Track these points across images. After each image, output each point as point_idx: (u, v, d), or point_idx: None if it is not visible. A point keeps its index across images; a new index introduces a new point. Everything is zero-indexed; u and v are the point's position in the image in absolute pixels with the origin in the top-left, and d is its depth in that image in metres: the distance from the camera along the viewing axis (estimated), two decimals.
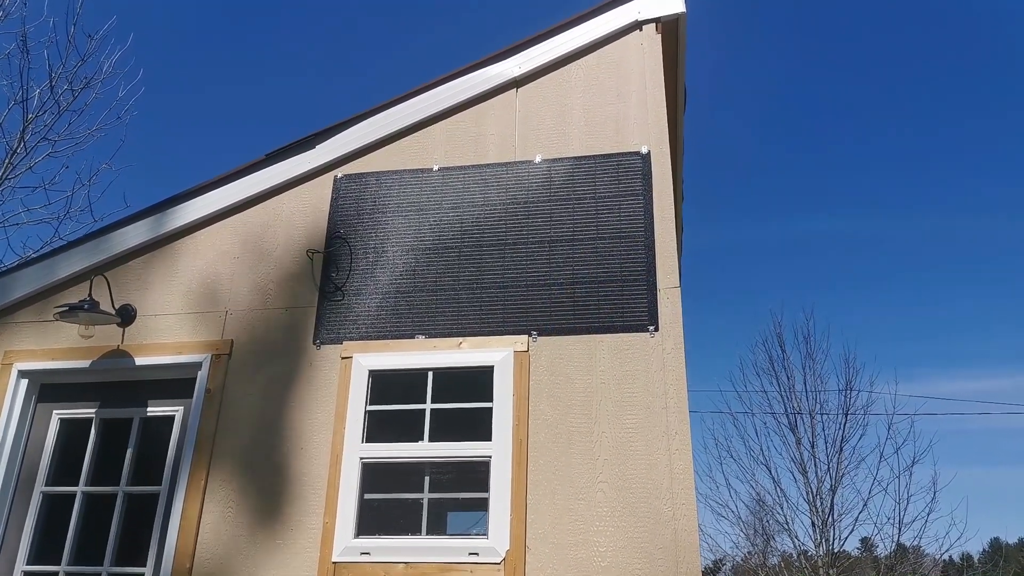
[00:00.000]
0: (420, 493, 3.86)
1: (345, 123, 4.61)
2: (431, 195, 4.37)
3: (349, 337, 4.11)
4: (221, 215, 4.60)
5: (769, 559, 16.07)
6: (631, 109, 4.33)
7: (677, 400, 3.65)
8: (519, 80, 4.55)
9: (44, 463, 4.39)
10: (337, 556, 3.65)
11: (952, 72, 59.18)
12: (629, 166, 4.19)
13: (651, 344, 3.78)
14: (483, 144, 4.46)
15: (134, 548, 4.12)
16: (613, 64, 4.48)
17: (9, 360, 4.46)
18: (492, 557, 3.52)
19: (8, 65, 11.35)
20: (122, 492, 4.23)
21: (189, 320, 4.36)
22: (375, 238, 4.33)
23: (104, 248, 4.61)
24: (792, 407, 15.49)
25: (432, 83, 4.59)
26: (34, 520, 4.27)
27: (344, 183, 4.52)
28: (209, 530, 3.86)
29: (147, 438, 4.36)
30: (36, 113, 9.64)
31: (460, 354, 3.96)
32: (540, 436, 3.72)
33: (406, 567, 3.59)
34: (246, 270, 4.43)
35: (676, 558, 3.40)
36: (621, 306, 3.88)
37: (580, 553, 3.48)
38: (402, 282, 4.19)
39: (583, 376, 3.80)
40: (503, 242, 4.16)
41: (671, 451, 3.57)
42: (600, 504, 3.54)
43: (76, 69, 9.84)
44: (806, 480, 14.89)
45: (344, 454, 3.84)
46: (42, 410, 4.49)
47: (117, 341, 4.37)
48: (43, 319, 4.53)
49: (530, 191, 4.26)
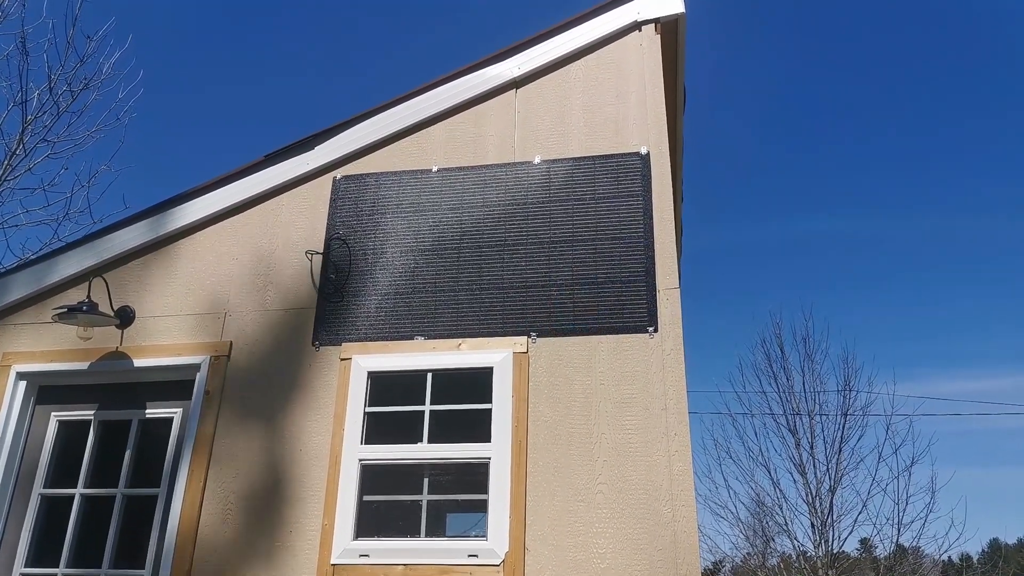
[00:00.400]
0: (419, 495, 3.85)
1: (344, 124, 4.61)
2: (430, 196, 4.37)
3: (348, 338, 4.11)
4: (220, 216, 4.59)
5: (768, 560, 16.07)
6: (630, 110, 4.33)
7: (676, 401, 3.65)
8: (518, 81, 4.54)
9: (43, 465, 4.38)
10: (336, 558, 3.65)
11: (952, 72, 59.31)
12: (628, 167, 4.19)
13: (650, 345, 3.78)
14: (482, 145, 4.45)
15: (133, 550, 4.11)
16: (612, 65, 4.48)
17: (8, 362, 4.45)
18: (491, 559, 3.52)
19: (7, 66, 11.34)
20: (121, 494, 4.23)
21: (188, 322, 4.36)
22: (374, 239, 4.33)
23: (103, 249, 4.60)
24: (791, 408, 15.50)
25: (431, 84, 4.59)
26: (33, 522, 4.26)
27: (343, 184, 4.51)
28: (208, 532, 3.85)
29: (146, 440, 4.35)
30: (35, 114, 9.63)
31: (459, 355, 3.96)
32: (539, 437, 3.72)
33: (405, 569, 3.58)
34: (245, 271, 4.43)
35: (676, 559, 3.39)
36: (620, 307, 3.88)
37: (580, 555, 3.47)
38: (401, 283, 4.18)
39: (582, 377, 3.79)
40: (502, 243, 4.16)
41: (671, 452, 3.56)
42: (600, 505, 3.54)
43: (75, 70, 9.83)
44: (805, 481, 14.90)
45: (343, 456, 3.84)
46: (41, 412, 4.48)
47: (116, 343, 4.37)
48: (42, 320, 4.53)
49: (529, 192, 4.26)
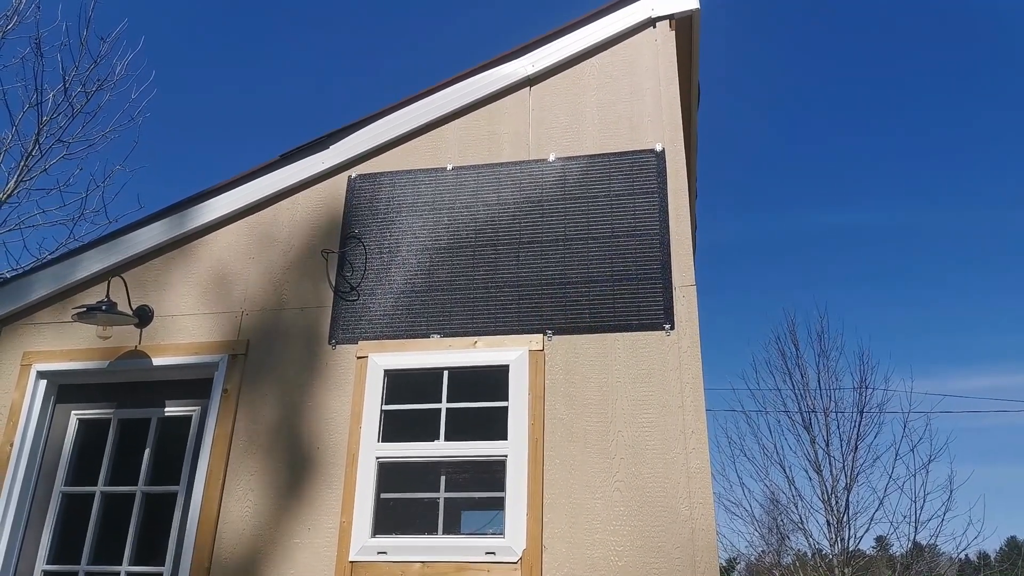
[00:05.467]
0: (436, 492, 3.86)
1: (359, 123, 4.62)
2: (445, 194, 4.37)
3: (364, 337, 4.12)
4: (237, 216, 4.62)
5: (783, 558, 16.00)
6: (645, 107, 4.32)
7: (694, 399, 3.64)
8: (532, 79, 4.54)
9: (63, 463, 4.42)
10: (354, 555, 3.66)
11: (975, 62, 58.59)
12: (644, 164, 4.17)
13: (667, 343, 3.77)
14: (497, 143, 4.45)
15: (152, 547, 4.15)
16: (627, 62, 4.47)
17: (28, 361, 4.50)
18: (509, 556, 3.52)
19: (23, 69, 11.46)
20: (140, 492, 4.26)
21: (206, 320, 4.39)
22: (389, 238, 4.34)
23: (122, 249, 4.64)
24: (806, 405, 15.40)
25: (445, 82, 4.59)
26: (53, 520, 4.31)
27: (358, 183, 4.52)
28: (227, 529, 3.88)
29: (165, 438, 4.38)
30: (50, 116, 9.74)
31: (475, 353, 3.96)
32: (556, 435, 3.72)
33: (423, 566, 3.59)
34: (262, 270, 4.45)
35: (693, 557, 3.38)
36: (636, 305, 3.87)
37: (597, 552, 3.47)
38: (417, 281, 4.19)
39: (599, 375, 3.79)
40: (518, 241, 4.16)
41: (688, 450, 3.55)
42: (617, 503, 3.53)
43: (89, 72, 9.94)
44: (821, 478, 14.81)
45: (360, 453, 3.85)
46: (60, 411, 4.52)
47: (135, 342, 4.40)
48: (61, 320, 4.57)
49: (544, 190, 4.25)
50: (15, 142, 9.60)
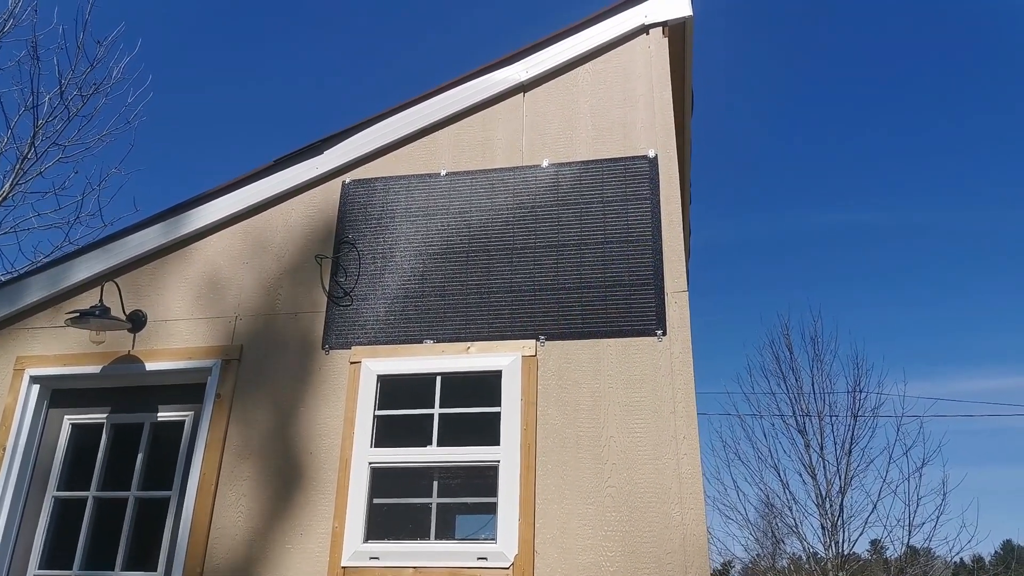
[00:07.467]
0: (429, 498, 3.87)
1: (353, 128, 4.63)
2: (439, 200, 4.39)
3: (358, 342, 4.13)
4: (231, 220, 4.63)
5: (778, 562, 16.02)
6: (638, 113, 4.34)
7: (685, 404, 3.65)
8: (526, 85, 4.56)
9: (56, 468, 4.42)
10: (347, 561, 3.67)
11: (971, 64, 58.78)
12: (636, 170, 4.19)
13: (659, 348, 3.78)
14: (490, 149, 4.47)
15: (145, 552, 4.15)
16: (620, 68, 4.49)
17: (21, 365, 4.50)
18: (501, 562, 3.53)
19: (19, 71, 11.43)
20: (133, 496, 4.26)
21: (199, 325, 4.39)
22: (383, 243, 4.35)
23: (115, 253, 4.64)
24: (800, 409, 15.43)
25: (439, 88, 4.61)
26: (46, 524, 4.31)
27: (352, 188, 4.54)
28: (220, 534, 3.88)
29: (158, 443, 4.38)
30: (46, 119, 9.72)
31: (468, 359, 3.97)
32: (548, 440, 3.73)
33: (415, 571, 3.60)
34: (255, 275, 4.46)
35: (685, 562, 3.40)
36: (628, 310, 3.88)
37: (589, 558, 3.48)
38: (410, 287, 4.20)
39: (591, 380, 3.80)
40: (511, 247, 4.17)
41: (679, 455, 3.57)
42: (609, 508, 3.55)
43: (85, 75, 9.91)
44: (815, 482, 14.83)
45: (353, 459, 3.86)
46: (54, 415, 4.52)
47: (128, 346, 4.40)
48: (55, 324, 4.57)
49: (537, 196, 4.27)
50: (10, 145, 9.60)
